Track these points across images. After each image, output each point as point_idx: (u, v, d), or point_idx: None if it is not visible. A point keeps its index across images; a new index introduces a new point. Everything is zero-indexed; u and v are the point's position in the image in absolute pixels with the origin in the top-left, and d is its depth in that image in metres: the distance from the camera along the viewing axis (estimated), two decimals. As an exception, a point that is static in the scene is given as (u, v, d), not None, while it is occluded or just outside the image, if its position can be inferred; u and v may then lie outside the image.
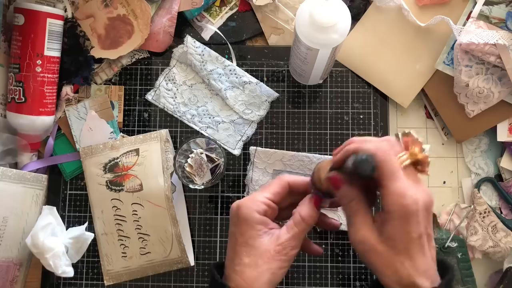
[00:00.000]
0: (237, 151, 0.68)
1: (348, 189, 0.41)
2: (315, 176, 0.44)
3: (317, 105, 0.69)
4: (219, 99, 0.69)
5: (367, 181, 0.41)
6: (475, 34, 0.60)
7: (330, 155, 0.67)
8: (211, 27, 0.70)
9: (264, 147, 0.68)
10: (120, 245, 0.66)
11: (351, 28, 0.68)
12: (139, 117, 0.70)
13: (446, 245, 0.62)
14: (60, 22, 0.66)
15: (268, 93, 0.68)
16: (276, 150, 0.67)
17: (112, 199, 0.65)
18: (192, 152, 0.65)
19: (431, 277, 0.40)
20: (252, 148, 0.67)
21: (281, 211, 0.47)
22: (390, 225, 0.39)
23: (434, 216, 0.64)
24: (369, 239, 0.40)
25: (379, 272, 0.41)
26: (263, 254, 0.43)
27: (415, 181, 0.40)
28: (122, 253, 0.65)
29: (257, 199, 0.45)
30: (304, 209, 0.44)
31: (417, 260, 0.40)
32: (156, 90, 0.70)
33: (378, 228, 0.40)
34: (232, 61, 0.69)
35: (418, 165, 0.41)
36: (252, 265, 0.42)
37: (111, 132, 0.68)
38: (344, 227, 0.66)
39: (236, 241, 0.44)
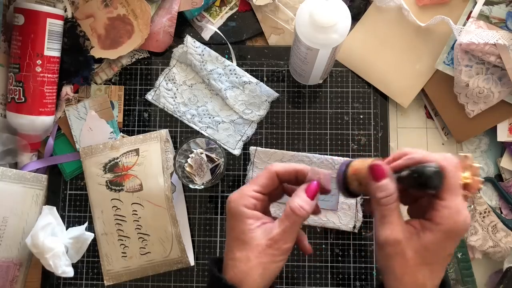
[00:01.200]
0: (237, 151, 0.68)
1: (390, 182, 0.40)
2: (348, 170, 0.42)
3: (317, 105, 0.69)
4: (219, 99, 0.69)
5: (419, 191, 0.41)
6: (475, 34, 0.60)
7: (330, 155, 0.67)
8: (211, 27, 0.70)
9: (264, 147, 0.68)
10: (120, 245, 0.66)
11: (351, 28, 0.68)
12: (139, 117, 0.70)
13: (446, 245, 0.62)
14: (60, 22, 0.66)
15: (268, 93, 0.68)
16: (276, 150, 0.67)
17: (112, 199, 0.65)
18: (192, 152, 0.65)
19: None
20: (252, 148, 0.67)
21: (277, 196, 0.47)
22: (433, 236, 0.39)
23: None
24: (403, 241, 0.39)
25: (395, 277, 0.40)
26: (254, 248, 0.42)
27: (464, 202, 0.40)
28: (122, 253, 0.65)
29: (245, 193, 0.44)
30: (295, 200, 0.42)
31: (436, 276, 0.40)
32: (156, 90, 0.70)
33: (414, 235, 0.40)
34: (232, 61, 0.69)
35: (466, 188, 0.41)
36: (243, 260, 0.42)
37: (111, 132, 0.68)
38: (343, 227, 0.66)
39: (230, 235, 0.44)
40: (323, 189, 0.44)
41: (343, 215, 0.66)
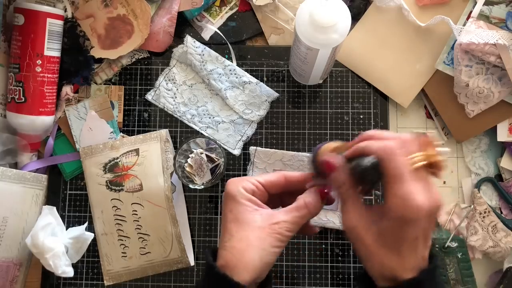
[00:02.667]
0: (237, 151, 0.68)
1: (339, 175, 0.41)
2: (316, 156, 0.44)
3: (317, 105, 0.69)
4: (219, 99, 0.69)
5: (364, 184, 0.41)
6: (475, 34, 0.60)
7: (330, 155, 0.67)
8: (211, 27, 0.70)
9: (264, 147, 0.68)
10: (120, 245, 0.66)
11: (351, 28, 0.68)
12: (139, 117, 0.70)
13: (446, 245, 0.62)
14: (60, 22, 0.66)
15: (268, 93, 0.68)
16: (276, 150, 0.67)
17: (112, 199, 0.65)
18: (192, 152, 0.65)
19: (419, 271, 0.39)
20: (252, 148, 0.67)
21: (274, 203, 0.47)
22: (387, 223, 0.39)
23: None
24: (359, 228, 0.40)
25: (363, 261, 0.41)
26: (255, 229, 0.42)
27: (426, 184, 0.39)
28: (122, 253, 0.65)
29: (246, 179, 0.45)
30: (310, 196, 0.44)
31: (407, 258, 0.39)
32: (156, 90, 0.70)
33: (373, 220, 0.40)
34: (232, 61, 0.69)
35: (432, 168, 0.40)
36: (243, 239, 0.41)
37: (111, 132, 0.68)
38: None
39: (226, 218, 0.43)
40: (330, 198, 0.45)
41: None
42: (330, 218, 0.66)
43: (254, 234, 0.42)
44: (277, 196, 0.47)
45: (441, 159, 0.40)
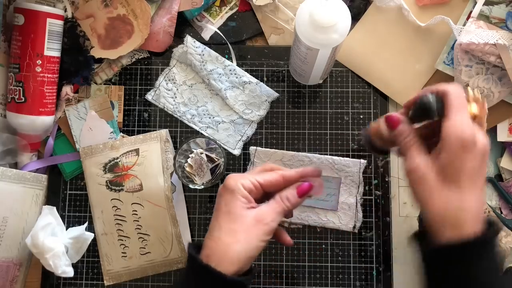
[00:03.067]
0: (237, 151, 0.68)
1: (404, 126, 0.44)
2: (369, 131, 0.49)
3: (317, 105, 0.69)
4: (219, 99, 0.69)
5: (430, 119, 0.45)
6: (475, 34, 0.60)
7: (330, 155, 0.67)
8: (211, 27, 0.70)
9: (264, 147, 0.68)
10: (120, 245, 0.66)
11: (351, 28, 0.68)
12: (139, 117, 0.70)
13: (446, 245, 0.61)
14: (60, 22, 0.66)
15: (268, 93, 0.68)
16: (276, 150, 0.67)
17: (112, 199, 0.65)
18: (192, 152, 0.65)
19: (476, 225, 0.40)
20: (252, 148, 0.67)
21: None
22: (445, 153, 0.41)
23: None
24: (422, 166, 0.42)
25: (426, 203, 0.42)
26: (244, 223, 0.44)
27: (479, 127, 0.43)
28: (122, 253, 0.65)
29: (246, 176, 0.46)
30: (289, 191, 0.46)
31: (467, 195, 0.41)
32: (156, 90, 0.70)
33: (433, 159, 0.42)
34: (232, 61, 0.69)
35: (476, 120, 0.44)
36: (231, 232, 0.44)
37: (111, 132, 0.68)
38: (343, 227, 0.66)
39: (220, 210, 0.45)
40: (314, 192, 0.47)
41: (343, 215, 0.66)
42: (330, 218, 0.66)
43: (243, 228, 0.43)
44: (272, 193, 0.48)
45: (485, 111, 0.45)
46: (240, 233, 0.43)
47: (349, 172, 0.66)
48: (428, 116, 0.44)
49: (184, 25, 0.71)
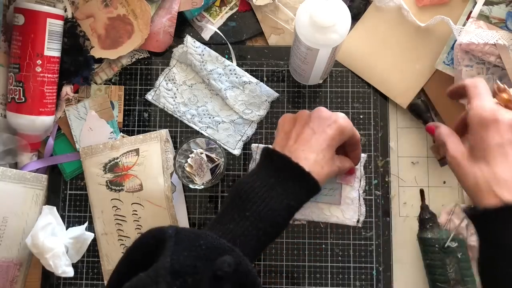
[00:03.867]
0: (237, 151, 0.68)
1: (439, 129, 0.51)
2: (433, 150, 0.63)
3: (317, 105, 0.69)
4: (219, 99, 0.69)
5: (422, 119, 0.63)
6: (475, 34, 0.60)
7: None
8: (211, 27, 0.70)
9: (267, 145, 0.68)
10: (120, 245, 0.66)
11: (351, 28, 0.68)
12: (139, 117, 0.70)
13: (446, 245, 0.62)
14: (60, 22, 0.66)
15: (268, 93, 0.68)
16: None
17: (112, 199, 0.65)
18: (192, 152, 0.65)
19: None
20: (254, 145, 0.67)
21: None
22: (471, 135, 0.46)
23: (434, 215, 0.64)
24: (458, 153, 0.47)
25: (464, 185, 0.47)
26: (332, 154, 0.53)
27: (504, 106, 0.47)
28: (122, 253, 0.65)
29: (350, 123, 0.54)
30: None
31: (497, 167, 0.44)
32: (156, 90, 0.70)
33: (466, 145, 0.48)
34: (232, 61, 0.69)
35: (509, 106, 0.48)
36: (327, 155, 0.51)
37: (111, 132, 0.68)
38: (347, 222, 0.66)
39: (320, 137, 0.51)
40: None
41: (346, 209, 0.66)
42: (333, 213, 0.66)
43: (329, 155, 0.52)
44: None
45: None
46: (328, 160, 0.52)
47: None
48: (420, 115, 0.63)
49: (184, 25, 0.71)
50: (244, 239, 0.45)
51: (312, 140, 0.50)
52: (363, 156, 0.67)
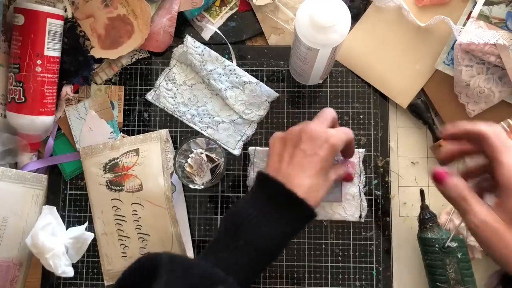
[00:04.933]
0: (237, 151, 0.68)
1: (453, 180, 0.42)
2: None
3: (317, 105, 0.69)
4: (219, 99, 0.69)
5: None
6: (475, 34, 0.60)
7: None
8: (211, 27, 0.70)
9: (265, 147, 0.68)
10: (120, 245, 0.66)
11: (351, 28, 0.68)
12: (139, 117, 0.70)
13: (446, 245, 0.62)
14: (60, 22, 0.66)
15: (268, 93, 0.68)
16: (276, 150, 0.67)
17: (112, 199, 0.65)
18: (192, 152, 0.65)
19: None
20: (251, 148, 0.67)
21: None
22: (504, 196, 0.39)
23: (434, 215, 0.64)
24: (491, 220, 0.40)
25: (505, 258, 0.40)
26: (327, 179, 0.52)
27: None
28: (122, 253, 0.65)
29: (342, 137, 0.52)
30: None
31: None
32: (156, 90, 0.70)
33: (497, 208, 0.40)
34: (232, 61, 0.69)
35: None
36: (321, 181, 0.50)
37: (111, 132, 0.68)
38: (350, 218, 0.66)
39: (314, 158, 0.49)
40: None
41: (348, 205, 0.66)
42: (335, 210, 0.66)
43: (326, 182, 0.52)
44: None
45: None
46: (323, 185, 0.52)
47: (350, 162, 0.66)
48: (420, 115, 0.61)
49: (184, 25, 0.71)
50: (237, 267, 0.44)
51: (305, 163, 0.49)
52: (361, 151, 0.67)
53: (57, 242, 0.62)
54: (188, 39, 0.68)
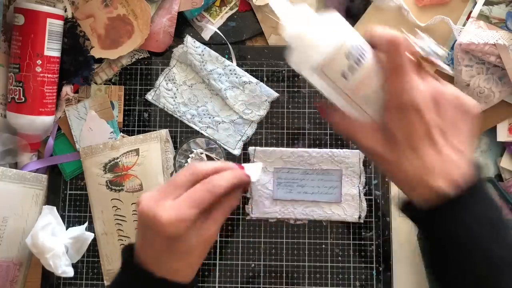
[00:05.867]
0: (237, 151, 0.68)
1: (331, 113, 0.42)
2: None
3: (317, 105, 0.69)
4: (219, 99, 0.69)
5: None
6: (475, 34, 0.60)
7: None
8: (211, 27, 0.70)
9: (264, 147, 0.68)
10: (120, 245, 0.66)
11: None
12: (139, 117, 0.70)
13: (446, 245, 0.62)
14: (60, 22, 0.66)
15: (268, 93, 0.68)
16: (275, 148, 0.67)
17: (112, 199, 0.65)
18: (192, 152, 0.65)
19: (454, 181, 0.35)
20: (251, 148, 0.67)
21: None
22: (390, 122, 0.37)
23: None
24: (375, 147, 0.38)
25: (395, 181, 0.39)
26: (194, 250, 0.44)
27: (422, 76, 0.38)
28: (122, 253, 0.65)
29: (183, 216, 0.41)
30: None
31: (427, 157, 0.36)
32: (156, 90, 0.70)
33: (381, 134, 0.38)
34: (232, 61, 0.69)
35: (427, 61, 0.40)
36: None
37: (111, 132, 0.68)
38: (349, 219, 0.66)
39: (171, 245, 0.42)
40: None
41: (348, 206, 0.66)
42: (335, 211, 0.66)
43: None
44: None
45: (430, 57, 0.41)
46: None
47: (349, 163, 0.66)
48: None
49: (184, 25, 0.71)
50: None
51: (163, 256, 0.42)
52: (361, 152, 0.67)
53: (57, 242, 0.62)
54: (188, 39, 0.68)
